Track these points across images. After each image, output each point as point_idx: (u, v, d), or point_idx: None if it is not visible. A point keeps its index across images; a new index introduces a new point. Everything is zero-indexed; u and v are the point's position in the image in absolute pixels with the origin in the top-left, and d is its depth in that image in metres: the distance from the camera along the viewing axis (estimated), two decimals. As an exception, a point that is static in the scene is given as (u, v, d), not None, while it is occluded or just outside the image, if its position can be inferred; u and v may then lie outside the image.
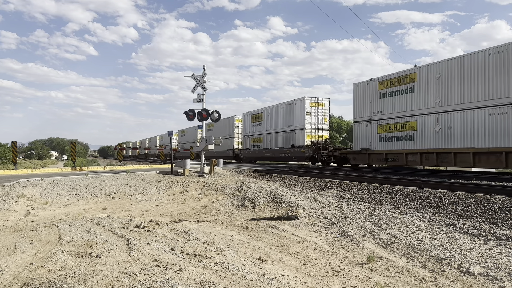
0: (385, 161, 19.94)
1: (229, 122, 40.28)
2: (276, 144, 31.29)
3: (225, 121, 40.43)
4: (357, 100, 22.38)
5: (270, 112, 33.04)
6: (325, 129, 28.39)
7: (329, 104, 28.76)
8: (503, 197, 8.63)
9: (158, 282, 4.06)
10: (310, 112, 27.70)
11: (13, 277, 4.45)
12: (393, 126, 19.62)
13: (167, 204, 11.86)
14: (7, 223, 8.42)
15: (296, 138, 28.24)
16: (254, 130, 35.70)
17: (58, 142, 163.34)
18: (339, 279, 4.80)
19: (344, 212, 8.75)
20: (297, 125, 28.35)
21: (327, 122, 28.63)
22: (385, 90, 20.28)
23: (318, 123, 27.97)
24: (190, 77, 18.92)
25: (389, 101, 20.00)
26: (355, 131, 22.51)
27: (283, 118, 30.40)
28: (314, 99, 27.86)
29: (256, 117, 35.68)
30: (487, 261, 5.28)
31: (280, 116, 31.07)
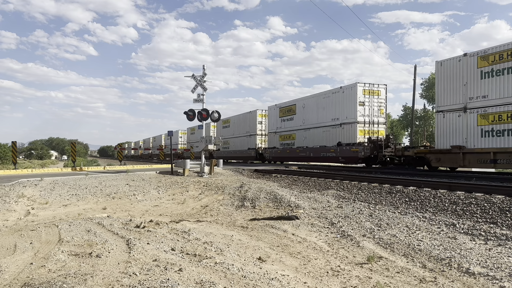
0: (492, 163, 15.17)
1: (250, 118, 35.68)
2: (314, 142, 26.28)
3: (244, 116, 36.65)
4: (443, 82, 17.49)
5: (306, 103, 27.60)
6: (381, 123, 23.19)
7: (385, 92, 23.34)
8: (503, 197, 8.63)
9: (158, 282, 4.06)
10: (363, 102, 22.38)
11: (13, 277, 4.45)
12: (505, 116, 14.90)
13: (167, 204, 11.86)
14: (7, 223, 8.42)
15: (345, 134, 23.36)
16: (284, 126, 30.55)
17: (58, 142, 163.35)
18: (339, 279, 4.80)
19: (344, 212, 8.75)
20: (345, 118, 23.32)
21: (383, 114, 23.35)
22: (491, 67, 15.53)
23: (373, 115, 22.78)
24: (190, 77, 18.91)
25: (497, 82, 15.26)
26: (440, 124, 17.61)
27: (324, 110, 25.29)
28: (368, 86, 22.65)
29: (286, 110, 30.31)
30: (487, 261, 5.28)
31: (320, 108, 25.78)
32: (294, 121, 29.31)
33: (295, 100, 29.59)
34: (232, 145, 38.85)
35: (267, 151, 32.80)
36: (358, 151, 21.96)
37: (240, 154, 36.67)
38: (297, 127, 28.74)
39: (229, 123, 40.26)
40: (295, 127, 29.09)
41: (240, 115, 38.17)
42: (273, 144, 32.38)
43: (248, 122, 36.14)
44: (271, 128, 32.94)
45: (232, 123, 39.61)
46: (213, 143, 18.48)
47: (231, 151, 39.08)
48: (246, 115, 36.35)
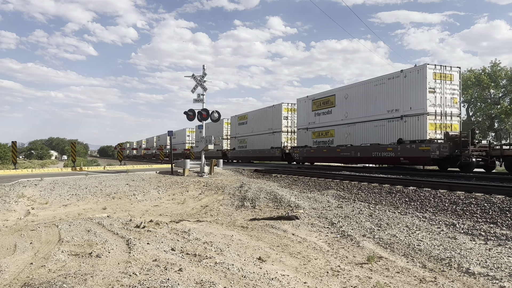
0: None
1: (274, 113, 31.27)
2: (362, 139, 21.67)
3: (266, 111, 32.46)
4: None
5: (350, 93, 22.78)
6: (454, 115, 18.63)
7: (459, 76, 18.82)
8: (503, 197, 8.62)
9: (158, 282, 4.06)
10: (433, 89, 18.00)
11: (13, 277, 4.44)
12: None
13: (167, 204, 11.86)
14: (7, 223, 8.42)
15: (407, 129, 18.80)
16: (319, 121, 25.71)
17: (58, 142, 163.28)
18: (339, 279, 4.80)
19: (344, 212, 8.75)
20: (408, 108, 18.76)
21: (456, 104, 18.76)
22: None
23: (446, 105, 18.37)
24: (190, 77, 18.92)
25: None
26: None
27: (376, 101, 20.65)
28: (439, 68, 18.31)
29: (322, 102, 25.54)
30: (487, 261, 5.28)
31: (369, 97, 21.23)
32: (332, 115, 24.19)
33: (333, 90, 24.67)
34: (251, 144, 34.66)
35: (297, 150, 27.76)
36: (430, 150, 17.17)
37: (261, 154, 32.42)
38: (337, 122, 23.65)
39: (247, 119, 35.69)
40: (334, 122, 24.05)
41: (260, 110, 33.99)
42: (303, 142, 27.32)
43: (270, 117, 31.59)
44: (301, 124, 27.82)
45: (250, 120, 34.94)
46: (213, 143, 18.45)
47: (249, 151, 34.88)
48: (268, 110, 32.10)
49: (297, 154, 27.83)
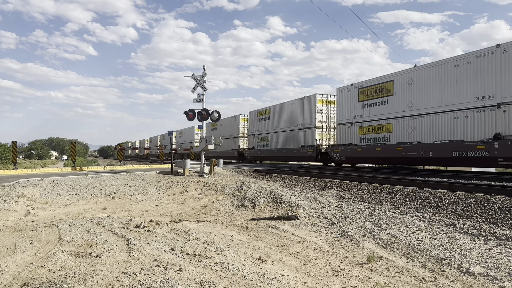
0: None
1: (305, 106, 26.22)
2: (434, 135, 16.80)
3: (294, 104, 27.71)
4: None
5: (415, 77, 18.02)
6: None
7: None
8: (503, 197, 8.62)
9: (158, 282, 4.06)
10: None
11: (13, 277, 4.45)
12: None
13: (167, 204, 11.86)
14: (7, 223, 8.42)
15: (509, 121, 13.93)
16: (368, 114, 20.67)
17: (58, 142, 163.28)
18: (339, 279, 4.80)
19: (344, 212, 8.75)
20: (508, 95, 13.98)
21: None
22: None
23: None
24: (190, 77, 18.92)
25: None
26: None
27: (458, 85, 15.90)
28: None
29: (373, 91, 20.42)
30: (487, 261, 5.28)
31: (449, 81, 16.30)
32: (389, 106, 19.46)
33: (390, 75, 19.60)
34: (274, 142, 30.16)
35: (337, 149, 22.87)
36: None
37: (288, 154, 27.91)
38: (396, 114, 18.90)
39: (269, 114, 31.48)
40: (392, 114, 19.06)
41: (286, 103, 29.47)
42: (347, 139, 22.33)
43: (301, 111, 26.79)
44: (344, 118, 22.87)
45: (273, 115, 30.68)
46: (213, 143, 18.45)
47: (272, 150, 30.27)
48: (296, 103, 27.50)
49: (338, 153, 22.84)
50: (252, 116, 34.85)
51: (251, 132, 34.79)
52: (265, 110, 32.65)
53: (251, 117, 34.92)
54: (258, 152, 32.84)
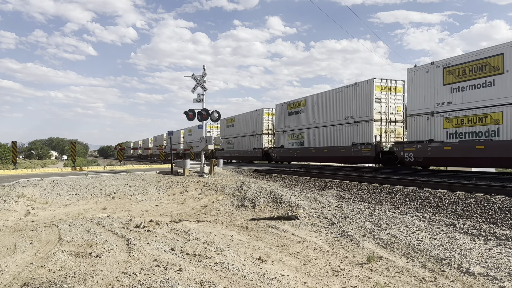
0: None
1: (356, 94, 21.05)
2: None
3: (341, 93, 22.21)
4: None
5: None
6: None
7: None
8: (503, 197, 8.62)
9: (158, 282, 4.06)
10: None
11: (13, 277, 4.45)
12: None
13: (167, 204, 11.86)
14: (7, 223, 8.42)
15: None
16: (463, 100, 15.49)
17: (58, 142, 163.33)
18: (339, 279, 4.80)
19: (344, 212, 8.75)
20: None
21: None
22: None
23: None
24: (190, 77, 18.92)
25: None
26: None
27: None
28: None
29: (470, 69, 15.33)
30: (487, 261, 5.28)
31: None
32: (496, 88, 14.35)
33: (499, 47, 14.32)
34: (312, 139, 24.79)
35: (411, 147, 17.57)
36: None
37: (334, 154, 22.56)
38: (509, 99, 13.92)
39: (303, 106, 26.03)
40: (502, 99, 14.14)
41: (330, 91, 23.57)
42: (425, 134, 17.12)
43: (351, 101, 21.38)
44: (419, 107, 17.50)
45: (309, 107, 25.28)
46: (213, 143, 18.45)
47: (308, 149, 24.99)
48: (344, 91, 21.98)
49: (411, 153, 17.47)
50: (280, 110, 29.12)
51: (278, 128, 29.26)
52: (298, 102, 26.64)
53: (279, 111, 29.26)
54: (289, 152, 27.18)
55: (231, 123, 37.94)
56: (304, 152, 25.59)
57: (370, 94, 20.28)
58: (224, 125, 39.84)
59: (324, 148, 23.40)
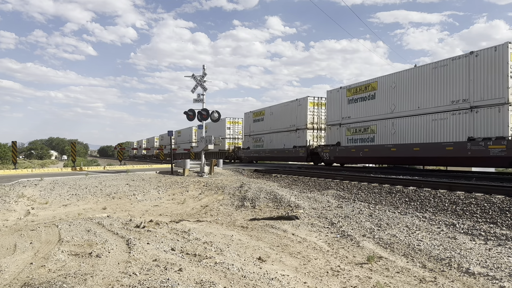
0: None
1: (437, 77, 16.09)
2: None
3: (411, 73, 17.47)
4: None
5: None
6: None
7: None
8: (503, 197, 8.62)
9: (158, 282, 4.06)
10: None
11: (13, 277, 4.44)
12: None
13: (167, 204, 11.86)
14: (7, 223, 8.42)
15: None
16: None
17: (58, 142, 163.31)
18: (339, 279, 4.80)
19: (344, 212, 8.74)
20: None
21: None
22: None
23: None
24: (190, 77, 18.92)
25: None
26: None
27: None
28: None
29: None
30: (487, 261, 5.28)
31: None
32: None
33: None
34: (384, 135, 18.94)
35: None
36: None
37: (440, 153, 15.85)
38: None
39: (374, 90, 19.68)
40: None
41: (398, 74, 18.32)
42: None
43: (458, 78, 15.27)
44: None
45: (381, 91, 19.21)
46: (213, 143, 18.45)
47: (385, 148, 18.64)
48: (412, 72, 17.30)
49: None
50: (335, 97, 22.72)
51: (332, 121, 22.92)
52: (364, 86, 20.51)
53: (334, 98, 22.78)
54: (350, 151, 21.08)
55: (259, 117, 32.03)
56: (375, 151, 19.24)
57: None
58: (250, 119, 33.83)
59: (414, 145, 17.16)
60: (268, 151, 30.06)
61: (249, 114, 34.49)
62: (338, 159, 22.71)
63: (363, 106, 20.63)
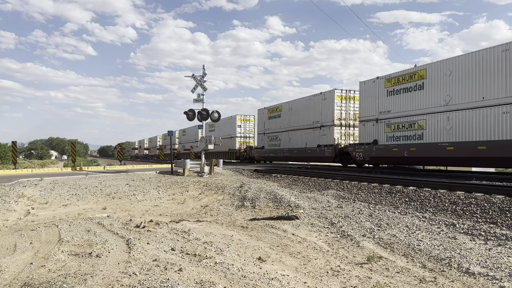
0: None
1: None
2: None
3: None
4: None
5: None
6: None
7: None
8: (503, 197, 8.62)
9: (158, 282, 4.06)
10: None
11: (13, 277, 4.45)
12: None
13: (167, 204, 11.86)
14: (7, 223, 8.42)
15: None
16: None
17: (58, 142, 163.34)
18: (339, 279, 4.80)
19: (344, 212, 8.75)
20: None
21: None
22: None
23: None
24: (190, 77, 18.92)
25: None
26: None
27: None
28: None
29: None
30: (487, 261, 5.28)
31: None
32: None
33: None
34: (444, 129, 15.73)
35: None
36: None
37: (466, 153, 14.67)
38: None
39: (424, 79, 16.69)
40: None
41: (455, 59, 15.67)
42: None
43: None
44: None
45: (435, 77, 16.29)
46: (213, 143, 18.45)
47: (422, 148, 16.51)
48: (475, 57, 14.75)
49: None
50: (370, 88, 19.68)
51: (366, 116, 19.84)
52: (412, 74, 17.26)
53: (369, 89, 19.74)
54: (391, 150, 18.06)
55: (276, 114, 29.35)
56: (426, 150, 16.41)
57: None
58: (264, 116, 31.23)
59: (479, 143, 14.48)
60: (286, 151, 27.26)
61: (264, 110, 31.63)
62: (375, 159, 19.44)
63: (408, 98, 17.62)
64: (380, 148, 18.75)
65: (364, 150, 19.62)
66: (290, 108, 27.39)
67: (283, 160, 29.80)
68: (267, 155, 30.45)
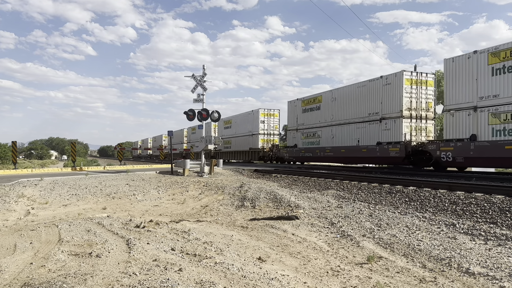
0: None
1: None
2: None
3: None
4: None
5: None
6: None
7: None
8: (503, 197, 8.62)
9: (158, 282, 4.06)
10: None
11: (13, 277, 4.44)
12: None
13: (167, 204, 11.86)
14: (7, 223, 8.42)
15: None
16: None
17: (58, 142, 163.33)
18: (339, 279, 4.80)
19: (344, 212, 8.75)
20: None
21: None
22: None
23: None
24: (190, 77, 18.92)
25: None
26: None
27: None
28: None
29: None
30: (487, 261, 5.28)
31: None
32: None
33: None
34: None
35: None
36: None
37: None
38: None
39: None
40: None
41: None
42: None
43: None
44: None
45: None
46: (213, 142, 18.44)
47: None
48: None
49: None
50: (461, 65, 15.40)
51: (459, 103, 15.56)
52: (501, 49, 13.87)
53: (460, 66, 15.43)
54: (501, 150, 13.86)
55: (313, 105, 25.02)
56: None
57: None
58: (298, 109, 26.86)
59: None
60: (329, 150, 22.95)
61: (296, 102, 26.88)
62: (473, 161, 15.11)
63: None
64: (483, 146, 14.25)
65: (455, 148, 15.13)
66: (334, 98, 22.92)
67: (324, 161, 24.98)
68: (301, 155, 25.98)
